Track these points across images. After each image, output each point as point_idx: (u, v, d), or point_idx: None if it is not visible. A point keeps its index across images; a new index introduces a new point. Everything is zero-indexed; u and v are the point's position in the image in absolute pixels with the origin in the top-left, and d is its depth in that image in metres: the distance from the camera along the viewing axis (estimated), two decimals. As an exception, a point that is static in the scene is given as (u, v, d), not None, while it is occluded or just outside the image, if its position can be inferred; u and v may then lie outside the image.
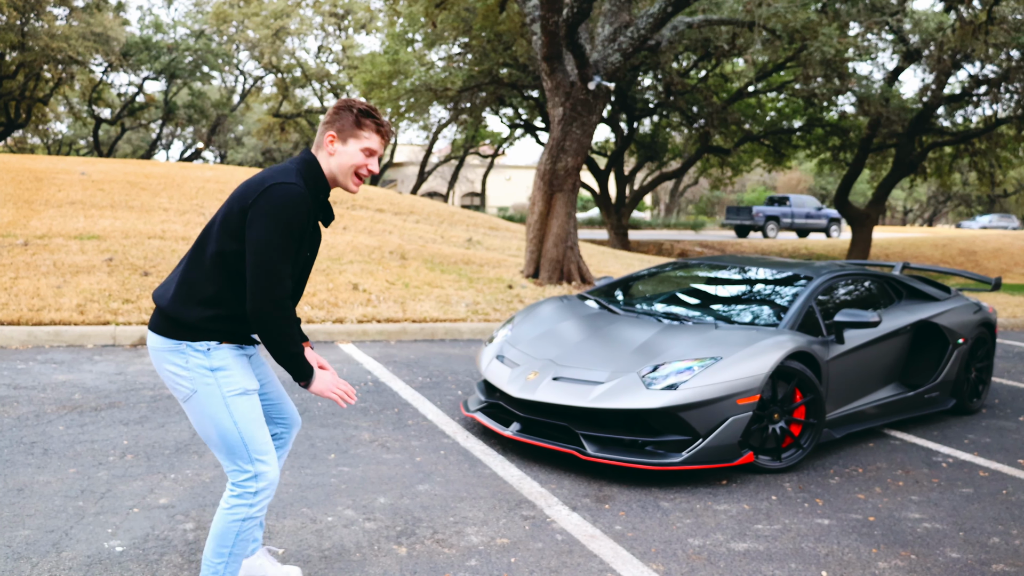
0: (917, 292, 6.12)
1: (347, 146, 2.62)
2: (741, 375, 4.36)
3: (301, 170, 2.57)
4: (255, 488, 2.58)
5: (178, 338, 2.54)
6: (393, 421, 5.24)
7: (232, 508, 2.58)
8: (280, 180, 2.48)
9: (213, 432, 2.56)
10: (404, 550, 3.38)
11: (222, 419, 2.55)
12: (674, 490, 4.25)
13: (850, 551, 3.60)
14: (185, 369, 2.54)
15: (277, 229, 2.43)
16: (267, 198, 2.44)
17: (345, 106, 2.64)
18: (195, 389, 2.55)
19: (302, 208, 2.48)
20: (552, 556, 3.39)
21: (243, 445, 2.56)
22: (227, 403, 2.55)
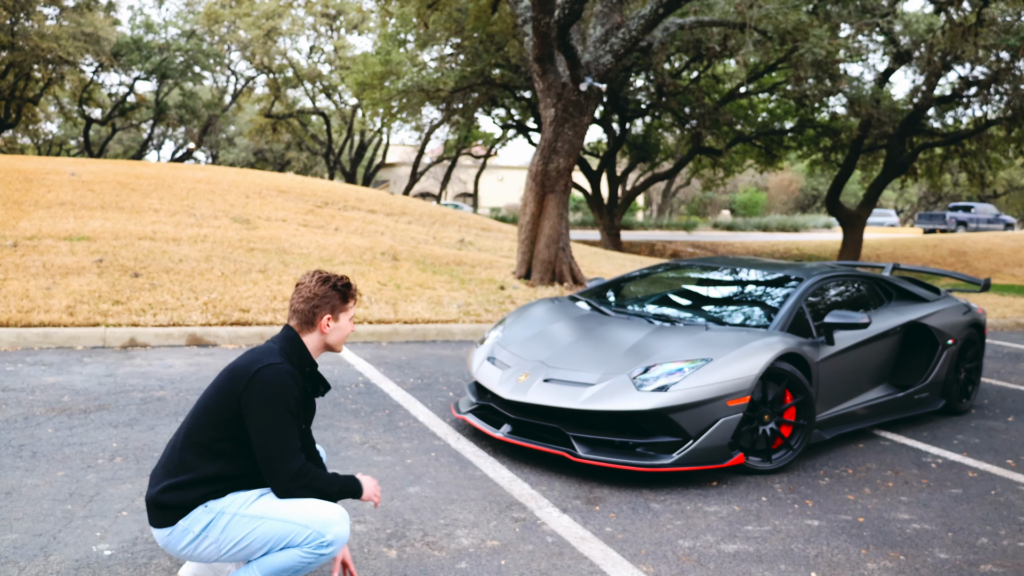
0: (907, 293, 6.14)
1: (340, 322, 2.82)
2: (731, 376, 4.37)
3: (285, 349, 2.71)
4: (324, 542, 2.57)
5: (172, 524, 2.58)
6: (384, 423, 5.23)
7: (302, 552, 2.56)
8: (267, 362, 2.60)
9: (256, 543, 2.56)
10: (394, 553, 3.38)
11: (253, 527, 2.56)
12: (664, 491, 4.26)
13: (839, 552, 3.61)
14: (196, 537, 2.57)
15: (276, 412, 2.55)
16: (259, 384, 2.55)
17: (329, 286, 2.79)
18: (217, 537, 2.56)
19: (294, 386, 2.60)
20: (542, 558, 3.40)
21: (289, 523, 2.55)
22: (248, 515, 2.57)
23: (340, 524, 2.59)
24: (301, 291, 2.79)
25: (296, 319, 2.78)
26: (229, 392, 2.59)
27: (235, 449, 2.60)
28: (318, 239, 11.49)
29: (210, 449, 2.59)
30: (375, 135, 40.03)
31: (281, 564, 2.57)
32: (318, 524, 2.56)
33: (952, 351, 5.99)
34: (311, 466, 2.66)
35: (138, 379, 5.99)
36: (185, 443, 2.62)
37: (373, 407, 5.59)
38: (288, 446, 2.57)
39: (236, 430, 2.59)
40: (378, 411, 5.50)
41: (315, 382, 2.82)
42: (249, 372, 2.58)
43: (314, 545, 2.55)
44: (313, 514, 2.58)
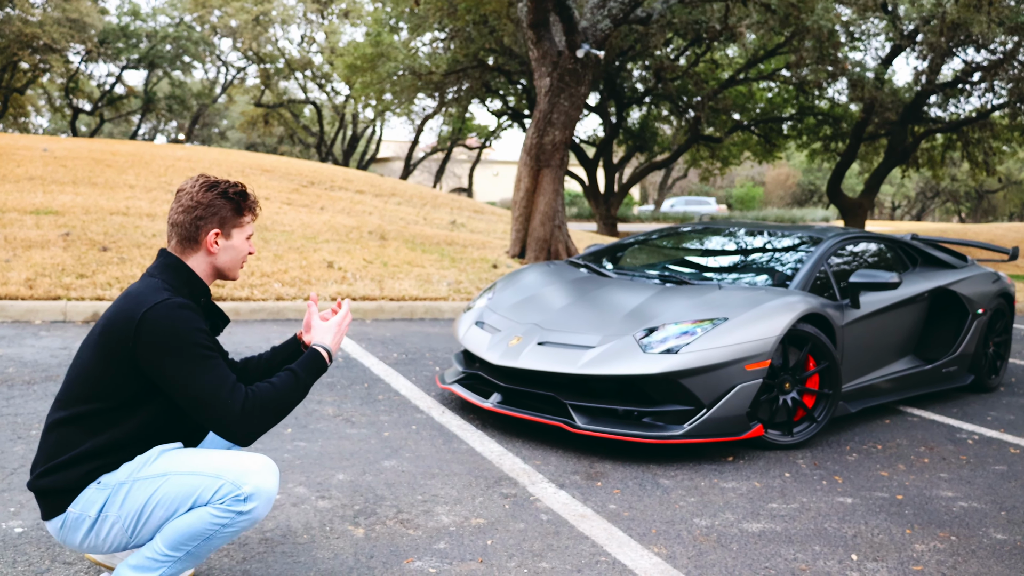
0: (932, 259, 5.65)
1: (232, 240, 2.25)
2: (749, 338, 3.87)
3: (168, 280, 2.16)
4: (244, 508, 2.03)
5: (60, 511, 2.06)
6: (361, 396, 4.72)
7: (214, 511, 2.02)
8: (152, 302, 2.04)
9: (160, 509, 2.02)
10: (361, 531, 2.87)
11: (154, 489, 2.03)
12: (674, 467, 3.76)
13: (880, 532, 3.11)
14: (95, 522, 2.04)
15: (189, 356, 2.03)
16: (150, 331, 2.01)
17: (217, 192, 2.21)
18: (119, 515, 2.03)
19: (195, 318, 2.07)
20: (535, 538, 2.89)
21: (197, 476, 2.03)
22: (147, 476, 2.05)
23: (263, 475, 2.04)
24: (181, 199, 2.19)
25: (176, 237, 2.19)
26: (112, 349, 2.04)
27: (128, 414, 2.08)
28: (302, 217, 10.96)
29: (96, 420, 2.06)
30: (368, 125, 39.44)
31: (189, 529, 2.01)
32: (233, 474, 2.02)
33: (982, 322, 5.51)
34: (255, 387, 2.11)
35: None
36: (62, 419, 2.08)
37: (351, 380, 5.08)
38: (220, 385, 2.03)
39: (127, 392, 2.07)
40: (356, 384, 4.99)
41: (211, 315, 2.28)
42: (134, 320, 2.02)
43: (229, 500, 2.00)
44: (227, 462, 2.05)
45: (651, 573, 2.66)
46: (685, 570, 2.69)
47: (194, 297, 2.19)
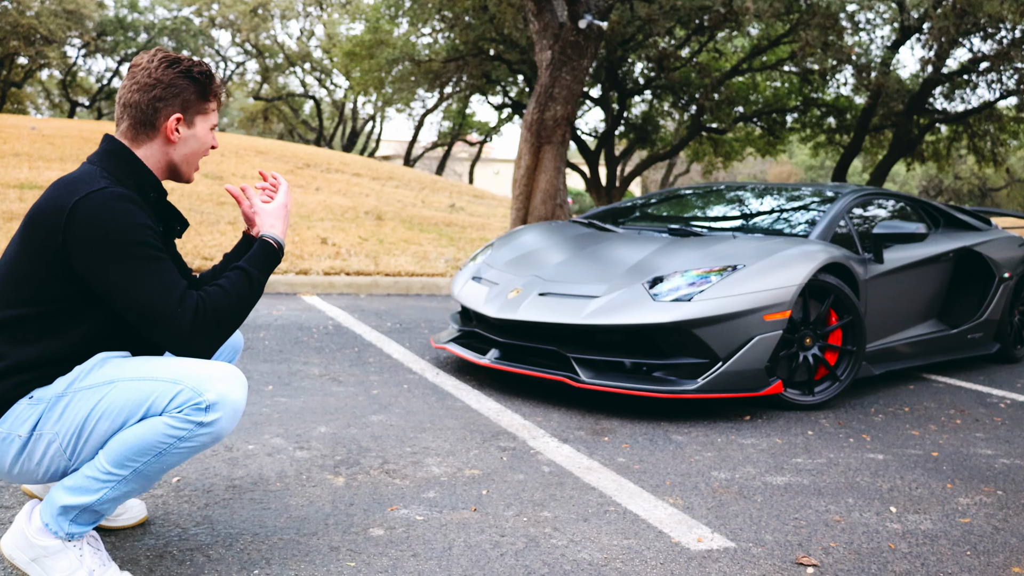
0: (956, 220, 5.35)
1: (195, 128, 1.89)
2: (769, 286, 3.57)
3: (108, 168, 1.80)
4: (206, 419, 1.69)
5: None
6: (351, 359, 4.42)
7: (169, 420, 1.68)
8: (85, 191, 1.69)
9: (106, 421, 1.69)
10: (342, 480, 2.57)
11: (99, 398, 1.69)
12: (688, 424, 3.45)
13: (919, 486, 2.81)
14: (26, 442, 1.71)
15: (128, 256, 1.68)
16: (82, 224, 1.67)
17: (179, 71, 1.85)
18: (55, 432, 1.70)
19: (137, 211, 1.72)
20: (536, 488, 2.59)
21: (150, 381, 1.69)
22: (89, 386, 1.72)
23: (228, 383, 1.71)
24: (136, 75, 1.83)
25: (129, 120, 1.83)
26: (40, 245, 1.71)
27: (64, 323, 1.75)
28: (297, 196, 10.66)
29: (25, 328, 1.73)
30: (368, 120, 39.17)
31: (138, 442, 1.66)
32: (194, 379, 1.68)
33: (1008, 286, 5.20)
34: (206, 292, 1.77)
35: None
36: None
37: (340, 345, 4.78)
38: (168, 291, 1.70)
39: (61, 297, 1.73)
40: (345, 348, 4.69)
41: (166, 216, 1.92)
42: (63, 211, 1.67)
43: (188, 409, 1.67)
44: (187, 367, 1.72)
45: (667, 523, 2.36)
46: (705, 520, 2.39)
47: (142, 192, 1.84)
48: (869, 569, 2.11)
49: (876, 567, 2.13)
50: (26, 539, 1.71)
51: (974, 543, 2.33)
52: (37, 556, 1.71)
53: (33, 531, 1.71)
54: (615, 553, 2.13)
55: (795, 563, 2.13)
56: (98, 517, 1.73)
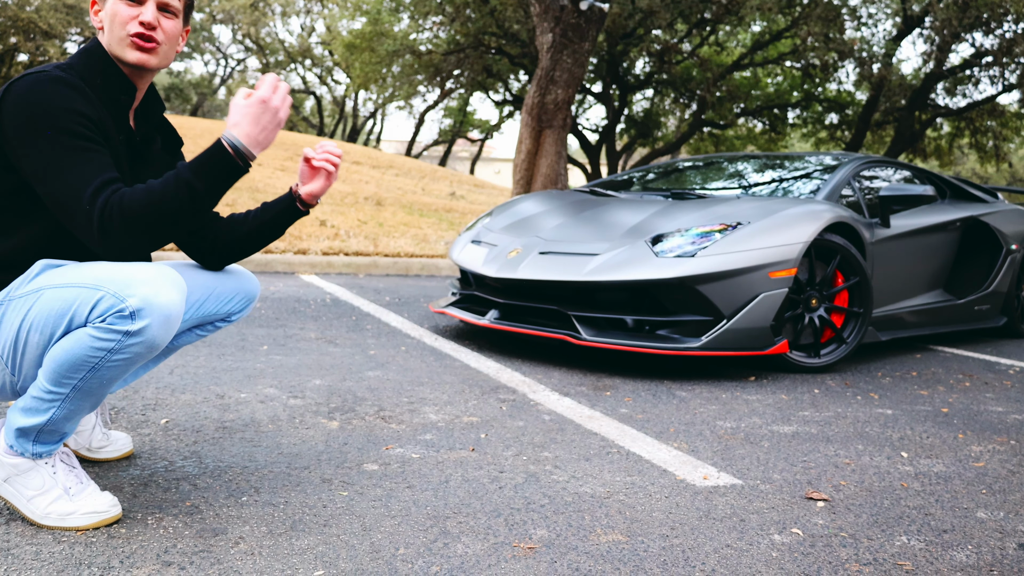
0: (963, 192, 5.27)
1: (107, 5, 1.70)
2: (774, 243, 3.49)
3: (72, 62, 1.67)
4: (133, 327, 1.52)
5: None
6: (348, 325, 4.35)
7: (93, 331, 1.52)
8: (24, 75, 1.58)
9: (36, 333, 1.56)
10: (336, 424, 2.49)
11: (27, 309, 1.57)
12: (691, 381, 3.38)
13: (930, 436, 2.73)
14: None
15: (51, 137, 1.53)
16: (12, 102, 1.55)
17: None
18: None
19: (70, 95, 1.57)
20: (536, 433, 2.51)
21: (72, 287, 1.54)
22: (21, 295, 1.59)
23: (154, 284, 1.52)
24: None
25: None
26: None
27: (9, 220, 1.64)
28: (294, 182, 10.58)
29: None
30: (369, 118, 39.10)
31: (68, 358, 1.53)
32: (116, 284, 1.51)
33: (1015, 258, 5.12)
34: (127, 190, 1.55)
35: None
36: None
37: (338, 314, 4.70)
38: (84, 183, 1.52)
39: (3, 188, 1.61)
40: (343, 317, 4.61)
41: (145, 124, 1.80)
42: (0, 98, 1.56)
43: (111, 317, 1.50)
44: (111, 271, 1.54)
45: (672, 463, 2.28)
46: (711, 461, 2.32)
47: (108, 92, 1.69)
48: (882, 504, 2.03)
49: (889, 502, 2.05)
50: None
51: (989, 483, 2.25)
52: (8, 476, 1.63)
53: (1, 452, 1.64)
54: (618, 487, 2.05)
55: (805, 498, 2.05)
56: (60, 436, 1.63)
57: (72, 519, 1.61)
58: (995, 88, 20.51)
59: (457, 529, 1.74)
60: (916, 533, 1.85)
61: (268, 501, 1.83)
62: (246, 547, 1.59)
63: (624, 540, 1.72)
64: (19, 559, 1.49)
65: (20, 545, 1.54)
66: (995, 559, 1.74)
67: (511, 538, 1.70)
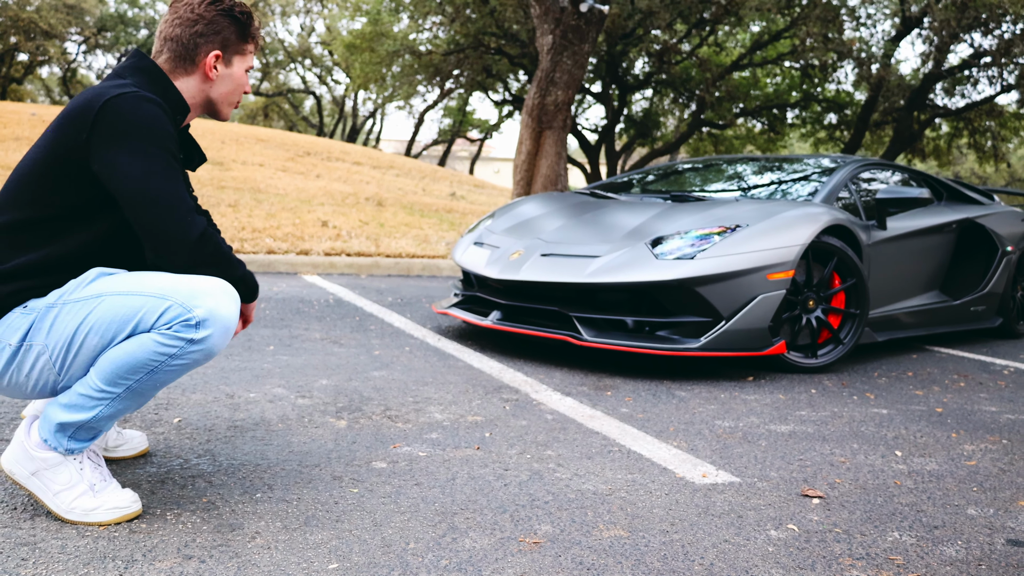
0: (959, 194, 5.34)
1: (232, 68, 1.91)
2: (772, 246, 3.56)
3: (142, 84, 1.78)
4: (197, 336, 1.65)
5: None
6: (352, 326, 4.41)
7: (159, 337, 1.64)
8: (118, 92, 1.68)
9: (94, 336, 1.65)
10: (344, 423, 2.55)
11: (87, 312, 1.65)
12: (690, 381, 3.44)
13: (924, 435, 2.80)
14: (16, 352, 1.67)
15: (150, 154, 1.66)
16: (112, 117, 1.65)
17: (220, 10, 1.87)
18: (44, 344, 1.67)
19: (164, 118, 1.71)
20: (539, 432, 2.58)
21: (138, 296, 1.65)
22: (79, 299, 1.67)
23: (218, 298, 1.66)
24: (179, 10, 1.85)
25: (168, 53, 1.85)
26: (63, 144, 1.67)
27: (69, 229, 1.72)
28: (297, 183, 10.64)
29: (31, 232, 1.70)
30: (368, 117, 39.15)
31: (129, 360, 1.63)
32: (182, 295, 1.64)
33: (1011, 260, 5.19)
34: (215, 230, 1.81)
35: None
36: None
37: (341, 315, 4.76)
38: (179, 200, 1.67)
39: (72, 201, 1.70)
40: (346, 318, 4.67)
41: (186, 148, 1.93)
42: (94, 108, 1.65)
43: (177, 326, 1.62)
44: (175, 282, 1.67)
45: (672, 461, 2.34)
46: (710, 460, 2.38)
47: (174, 115, 1.83)
48: (875, 501, 2.10)
49: (882, 499, 2.11)
50: (26, 453, 1.70)
51: (980, 481, 2.31)
52: (37, 469, 1.69)
53: (32, 445, 1.70)
54: (619, 485, 2.12)
55: (801, 495, 2.11)
56: (96, 433, 1.71)
57: (96, 514, 1.67)
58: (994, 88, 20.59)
59: (465, 524, 1.80)
60: (908, 529, 1.92)
61: (282, 497, 1.89)
62: (262, 541, 1.65)
63: (626, 535, 1.79)
64: (46, 552, 1.55)
65: (46, 539, 1.61)
66: (983, 554, 1.80)
67: (517, 533, 1.77)
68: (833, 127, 24.29)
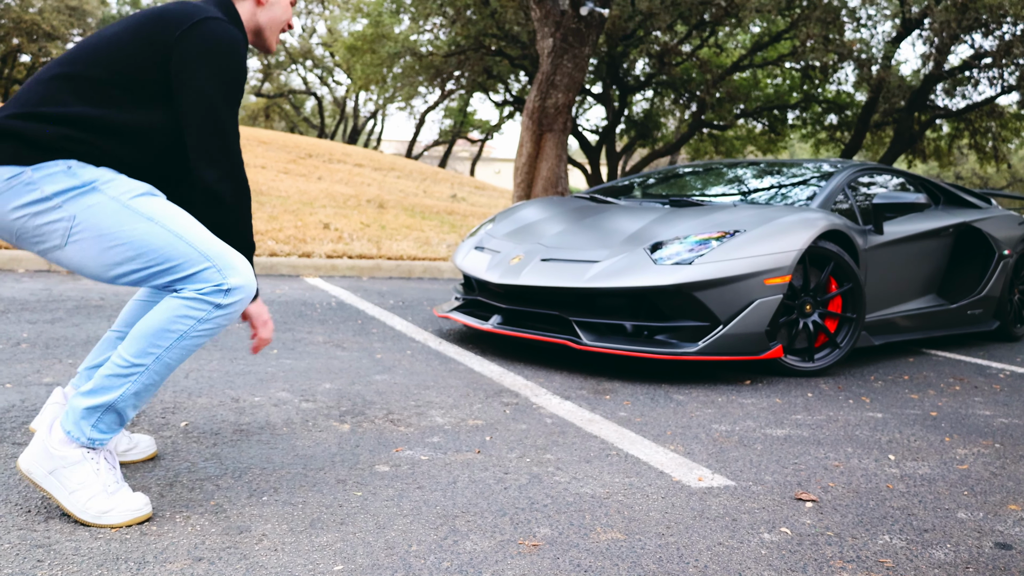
0: (956, 197, 5.38)
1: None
2: (769, 251, 3.61)
3: (218, 9, 1.91)
4: (226, 284, 1.78)
5: (16, 162, 1.69)
6: (354, 329, 4.46)
7: (190, 302, 1.76)
8: (213, 15, 1.81)
9: (129, 251, 1.73)
10: (347, 427, 2.60)
11: (133, 225, 1.73)
12: (688, 385, 3.49)
13: (918, 439, 2.84)
14: (43, 200, 1.70)
15: (227, 84, 1.80)
16: (204, 39, 1.77)
17: None
18: (72, 214, 1.70)
19: (245, 61, 1.86)
20: (539, 436, 2.62)
21: (179, 238, 1.75)
22: (128, 205, 1.75)
23: (247, 274, 1.81)
24: None
25: None
26: (152, 38, 1.77)
27: (131, 106, 1.78)
28: (299, 185, 10.70)
29: (99, 91, 1.75)
30: (369, 118, 39.21)
31: (158, 325, 1.75)
32: (222, 261, 1.77)
33: (1008, 264, 5.23)
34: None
35: (78, 293, 5.21)
36: (64, 74, 1.76)
37: (344, 318, 4.81)
38: (234, 135, 1.82)
39: (140, 74, 1.77)
40: (349, 321, 4.72)
41: None
42: (189, 20, 1.77)
43: (210, 289, 1.75)
44: (217, 247, 1.79)
45: (668, 465, 2.39)
46: (706, 463, 2.43)
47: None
48: (867, 504, 2.15)
49: (874, 503, 2.16)
50: (46, 451, 1.74)
51: (971, 485, 2.36)
52: (55, 467, 1.73)
53: (54, 442, 1.74)
54: (617, 488, 2.17)
55: (794, 499, 2.16)
56: (120, 421, 1.78)
57: (109, 516, 1.73)
58: (994, 90, 20.62)
59: (466, 527, 1.85)
60: (898, 532, 1.97)
61: (287, 500, 1.94)
62: (270, 544, 1.70)
63: (623, 538, 1.84)
64: (60, 554, 1.60)
65: (60, 541, 1.66)
66: (972, 557, 1.85)
67: (516, 536, 1.82)
68: (833, 128, 24.33)
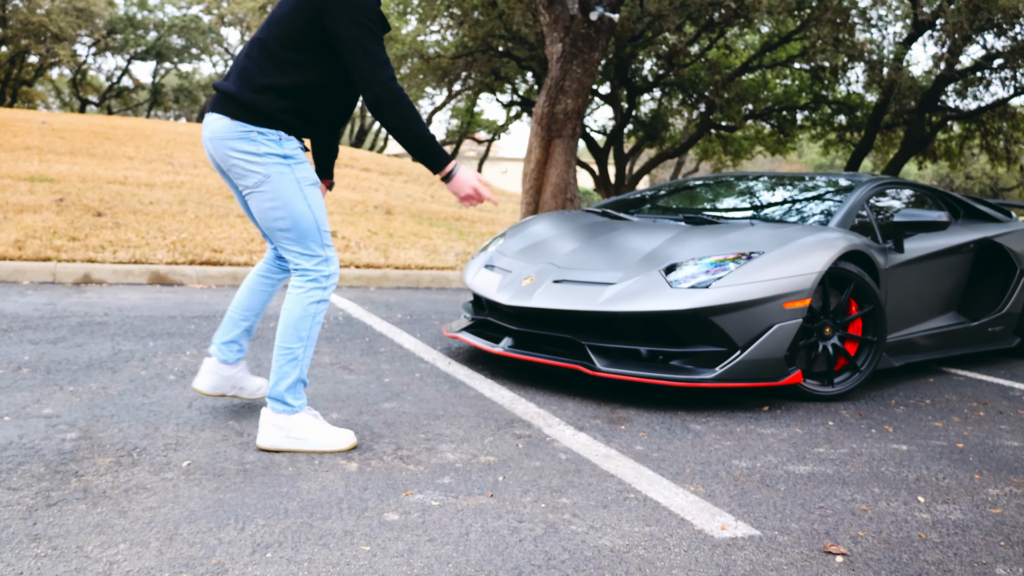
0: (976, 211, 5.26)
1: None
2: (788, 273, 3.50)
3: None
4: (328, 271, 2.59)
5: (250, 123, 2.46)
6: (362, 348, 4.37)
7: (307, 291, 2.56)
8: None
9: (286, 217, 2.51)
10: (355, 465, 2.51)
11: (297, 203, 2.51)
12: (705, 413, 3.39)
13: (946, 476, 2.74)
14: (257, 156, 2.47)
15: (363, 22, 2.40)
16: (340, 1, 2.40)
17: None
18: (268, 175, 2.48)
19: (377, 5, 2.45)
20: (554, 475, 2.53)
21: (317, 229, 2.55)
22: (302, 189, 2.51)
23: (337, 266, 2.63)
24: None
25: None
26: (306, 6, 2.42)
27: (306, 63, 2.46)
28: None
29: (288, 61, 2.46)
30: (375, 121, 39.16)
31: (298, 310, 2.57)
32: (329, 252, 2.60)
33: (1030, 279, 5.11)
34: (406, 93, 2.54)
35: (82, 308, 5.14)
36: (262, 50, 2.49)
37: (351, 335, 4.72)
38: (377, 55, 2.40)
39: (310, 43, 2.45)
40: (356, 338, 4.63)
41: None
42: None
43: (315, 275, 2.58)
44: (330, 248, 2.60)
45: (689, 510, 2.29)
46: (728, 508, 2.33)
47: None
48: (900, 559, 2.04)
49: (907, 556, 2.06)
50: (274, 426, 2.55)
51: (1007, 533, 2.26)
52: (287, 431, 2.55)
53: (274, 419, 2.55)
54: (637, 540, 2.07)
55: (823, 551, 2.06)
56: (304, 385, 2.61)
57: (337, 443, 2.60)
58: (1006, 91, 20.41)
59: (479, 590, 1.75)
60: (935, 591, 1.86)
61: (292, 558, 1.85)
62: (273, 613, 1.61)
63: (645, 602, 1.74)
64: None
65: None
66: (1015, 622, 1.75)
67: (533, 600, 1.72)
68: (843, 129, 24.13)
